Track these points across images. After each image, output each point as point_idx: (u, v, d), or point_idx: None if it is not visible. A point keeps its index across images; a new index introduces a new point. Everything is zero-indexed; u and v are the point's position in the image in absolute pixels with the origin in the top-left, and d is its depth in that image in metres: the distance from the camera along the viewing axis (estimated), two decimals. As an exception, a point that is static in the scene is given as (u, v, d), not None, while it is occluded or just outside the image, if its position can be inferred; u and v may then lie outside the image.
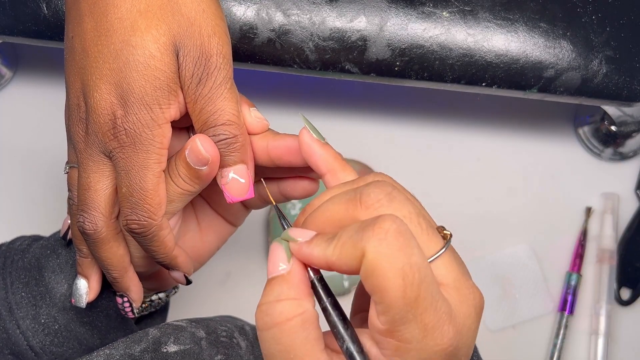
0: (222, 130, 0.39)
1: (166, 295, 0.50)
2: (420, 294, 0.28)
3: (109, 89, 0.38)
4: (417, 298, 0.28)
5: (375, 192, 0.31)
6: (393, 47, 0.57)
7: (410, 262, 0.28)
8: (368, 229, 0.29)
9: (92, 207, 0.41)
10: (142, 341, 0.42)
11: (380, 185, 0.31)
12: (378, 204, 0.30)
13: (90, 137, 0.40)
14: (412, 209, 0.31)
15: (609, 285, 0.69)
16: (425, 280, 0.29)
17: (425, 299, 0.29)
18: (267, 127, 0.42)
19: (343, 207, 0.31)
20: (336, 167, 0.37)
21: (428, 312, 0.29)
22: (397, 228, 0.29)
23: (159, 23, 0.38)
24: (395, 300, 0.28)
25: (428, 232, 0.31)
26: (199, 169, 0.39)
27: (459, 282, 0.31)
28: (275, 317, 0.31)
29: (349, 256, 0.29)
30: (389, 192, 0.31)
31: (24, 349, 0.46)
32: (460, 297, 0.30)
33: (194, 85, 0.39)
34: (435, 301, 0.29)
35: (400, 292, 0.28)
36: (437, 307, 0.29)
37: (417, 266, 0.29)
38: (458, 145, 0.73)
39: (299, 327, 0.30)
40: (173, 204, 0.41)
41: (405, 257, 0.28)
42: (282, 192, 0.44)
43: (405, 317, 0.29)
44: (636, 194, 0.72)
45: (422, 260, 0.29)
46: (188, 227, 0.46)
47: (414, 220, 0.30)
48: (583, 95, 0.59)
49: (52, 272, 0.47)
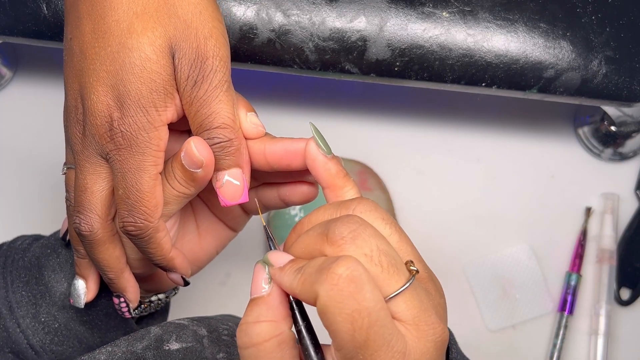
0: (217, 133, 0.39)
1: (166, 296, 0.50)
2: (369, 337, 0.30)
3: (105, 91, 0.38)
4: (367, 341, 0.30)
5: (340, 230, 0.32)
6: (393, 48, 0.57)
7: (360, 308, 0.30)
8: (323, 273, 0.30)
9: (88, 208, 0.41)
10: (144, 339, 0.43)
11: (347, 222, 0.32)
12: (342, 241, 0.32)
13: (87, 139, 0.40)
14: (374, 246, 0.32)
15: (608, 285, 0.69)
16: (375, 324, 0.30)
17: (374, 341, 0.30)
18: (263, 134, 0.41)
19: (313, 240, 0.33)
20: (337, 183, 0.38)
21: (378, 353, 0.30)
22: (350, 274, 0.30)
23: (155, 25, 0.38)
24: (345, 342, 0.30)
25: (389, 270, 0.31)
26: (193, 172, 0.39)
27: (417, 319, 0.31)
28: (253, 337, 0.32)
29: (307, 293, 0.31)
30: (354, 229, 0.32)
31: (24, 348, 0.46)
32: (419, 333, 0.31)
33: (190, 88, 0.39)
34: (387, 341, 0.30)
35: (349, 336, 0.30)
36: (390, 347, 0.30)
37: (367, 311, 0.30)
38: (458, 146, 0.73)
39: (274, 347, 0.32)
40: (169, 206, 0.41)
41: (354, 303, 0.30)
42: (281, 197, 0.44)
43: (356, 357, 0.30)
44: (636, 194, 0.72)
45: (375, 304, 0.30)
46: (187, 230, 0.46)
47: (375, 259, 0.31)
48: (583, 95, 0.59)
49: (52, 271, 0.47)
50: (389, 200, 0.70)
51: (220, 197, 0.40)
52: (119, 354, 0.41)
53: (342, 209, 0.35)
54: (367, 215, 0.34)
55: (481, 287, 0.70)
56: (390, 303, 0.31)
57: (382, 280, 0.31)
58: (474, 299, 0.70)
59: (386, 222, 0.34)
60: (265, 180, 0.44)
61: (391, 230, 0.34)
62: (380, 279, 0.31)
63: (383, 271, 0.31)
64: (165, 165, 0.40)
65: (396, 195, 0.71)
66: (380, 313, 0.30)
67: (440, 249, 0.71)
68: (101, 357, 0.41)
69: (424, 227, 0.71)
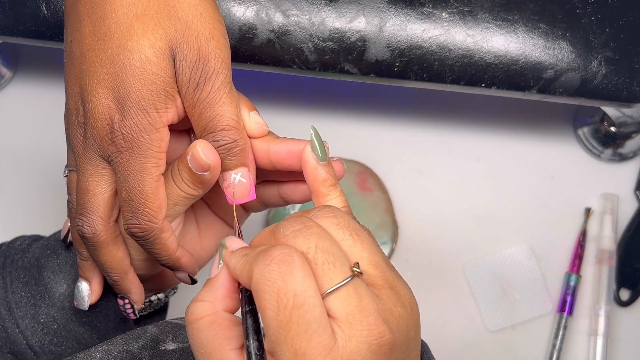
0: (222, 135, 0.39)
1: (165, 295, 0.50)
2: (292, 319, 0.31)
3: (106, 94, 0.38)
4: (289, 322, 0.31)
5: (284, 228, 0.34)
6: (392, 48, 0.57)
7: (287, 288, 0.31)
8: (260, 254, 0.32)
9: (90, 210, 0.41)
10: (141, 338, 0.43)
11: (292, 222, 0.34)
12: (284, 239, 0.33)
13: (89, 141, 0.40)
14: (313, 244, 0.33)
15: (608, 286, 0.69)
16: (300, 307, 0.31)
17: (298, 325, 0.31)
18: (266, 132, 0.41)
19: (264, 237, 0.35)
20: (321, 190, 0.39)
21: (300, 338, 0.31)
22: (282, 256, 0.31)
23: (156, 27, 0.38)
24: (270, 320, 0.31)
25: (324, 267, 0.32)
26: (201, 175, 0.39)
27: (352, 318, 0.32)
28: (189, 315, 0.35)
29: (245, 274, 0.33)
30: (297, 229, 0.33)
31: (23, 348, 0.46)
32: (351, 332, 0.31)
33: (192, 90, 0.39)
34: (311, 329, 0.31)
35: (274, 314, 0.31)
36: (313, 336, 0.31)
37: (294, 292, 0.31)
38: (457, 146, 0.73)
39: (206, 326, 0.34)
40: (177, 207, 0.41)
41: (282, 283, 0.31)
42: (281, 195, 0.44)
43: (278, 339, 0.31)
44: (635, 194, 0.72)
45: (304, 289, 0.31)
46: (187, 230, 0.46)
47: (310, 256, 0.32)
48: (582, 96, 0.59)
49: (51, 271, 0.47)
50: (389, 200, 0.70)
51: (228, 197, 0.40)
52: (115, 353, 0.41)
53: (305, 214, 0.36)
54: (323, 221, 0.35)
55: (480, 288, 0.70)
56: (327, 300, 0.32)
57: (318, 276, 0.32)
58: (474, 299, 0.70)
59: (340, 226, 0.34)
60: (266, 178, 0.44)
61: (344, 235, 0.34)
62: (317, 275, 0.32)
63: (317, 268, 0.32)
64: (171, 166, 0.40)
65: (396, 196, 0.71)
66: (308, 299, 0.31)
67: (440, 249, 0.71)
68: (97, 355, 0.41)
69: (423, 227, 0.71)
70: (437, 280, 0.70)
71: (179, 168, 0.40)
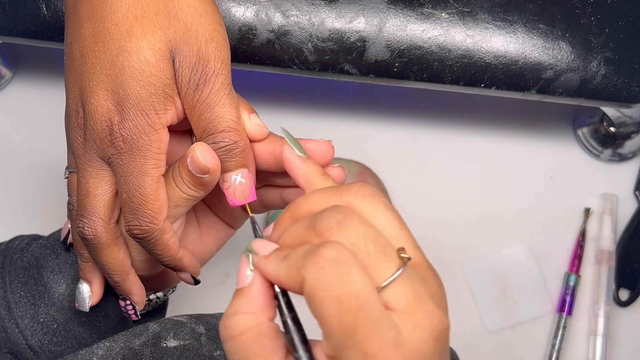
0: (222, 137, 0.39)
1: (164, 294, 0.50)
2: (357, 321, 0.29)
3: (105, 95, 0.38)
4: (355, 325, 0.29)
5: (326, 221, 0.31)
6: (392, 48, 0.57)
7: (347, 290, 0.29)
8: (309, 256, 0.30)
9: (91, 212, 0.41)
10: (142, 335, 0.43)
11: (333, 213, 0.31)
12: (329, 232, 0.31)
13: (89, 143, 0.40)
14: (361, 235, 0.31)
15: (607, 286, 0.69)
16: (364, 308, 0.29)
17: (364, 326, 0.29)
18: (266, 135, 0.41)
19: (301, 233, 0.32)
20: (315, 182, 0.37)
21: (368, 340, 0.29)
22: (337, 256, 0.29)
23: (155, 29, 0.38)
24: (334, 327, 0.29)
25: (377, 258, 0.31)
26: (201, 177, 0.39)
27: (412, 307, 0.30)
28: (231, 330, 0.32)
29: (293, 279, 0.31)
30: (340, 219, 0.31)
31: (22, 348, 0.46)
32: (414, 322, 0.30)
33: (191, 92, 0.38)
34: (377, 328, 0.29)
35: (337, 320, 0.29)
36: (381, 335, 0.29)
37: (355, 293, 0.29)
38: (457, 146, 0.73)
39: (253, 339, 0.32)
40: (178, 209, 0.41)
41: (341, 286, 0.29)
42: (283, 198, 0.44)
43: (345, 344, 0.29)
44: (635, 195, 0.72)
45: (363, 287, 0.29)
46: (189, 231, 0.46)
47: (362, 248, 0.31)
48: (582, 96, 0.59)
49: (50, 271, 0.47)
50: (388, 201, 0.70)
51: (228, 198, 0.40)
52: (117, 350, 0.41)
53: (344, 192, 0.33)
54: (370, 200, 0.33)
55: (480, 288, 0.70)
56: (382, 293, 0.30)
57: (371, 268, 0.30)
58: (473, 300, 0.70)
59: (388, 208, 0.33)
60: (268, 182, 0.44)
61: (392, 216, 0.33)
62: (370, 268, 0.30)
63: (371, 259, 0.30)
64: (172, 168, 0.40)
65: (395, 196, 0.71)
66: (369, 298, 0.29)
67: (440, 249, 0.71)
68: (99, 352, 0.41)
69: (423, 227, 0.71)
70: (436, 280, 0.70)
71: (179, 170, 0.40)
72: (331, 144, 0.40)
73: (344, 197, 0.33)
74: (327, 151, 0.40)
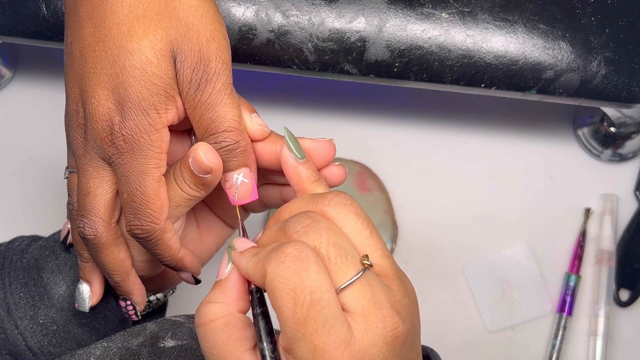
0: (224, 137, 0.39)
1: (164, 295, 0.50)
2: (309, 315, 0.31)
3: (106, 95, 0.38)
4: (307, 319, 0.31)
5: (294, 224, 0.34)
6: (392, 48, 0.57)
7: (303, 285, 0.31)
8: (273, 252, 0.32)
9: (91, 212, 0.41)
10: (140, 335, 0.43)
11: (302, 218, 0.34)
12: (295, 235, 0.33)
13: (89, 143, 0.40)
14: (324, 239, 0.33)
15: (607, 286, 0.69)
16: (317, 304, 0.31)
17: (315, 321, 0.31)
18: (267, 134, 0.41)
19: (273, 235, 0.35)
20: (307, 187, 0.39)
21: (318, 334, 0.31)
22: (297, 253, 0.31)
23: (156, 29, 0.38)
24: (287, 318, 0.31)
25: (336, 262, 0.32)
26: (203, 177, 0.39)
27: (367, 310, 0.32)
28: (201, 317, 0.35)
29: (258, 273, 0.33)
30: (307, 224, 0.33)
31: (22, 349, 0.46)
32: (367, 325, 0.32)
33: (193, 92, 0.38)
34: (328, 324, 0.31)
35: (290, 311, 0.31)
36: (331, 331, 0.31)
37: (310, 289, 0.31)
38: (457, 146, 0.73)
39: (220, 327, 0.34)
40: (179, 208, 0.41)
41: (298, 280, 0.31)
42: (283, 196, 0.44)
43: (296, 336, 0.31)
44: (635, 195, 0.72)
45: (319, 285, 0.31)
46: (188, 231, 0.46)
47: (323, 251, 0.33)
48: (582, 96, 0.59)
49: (50, 272, 0.47)
50: (388, 201, 0.70)
51: (230, 197, 0.40)
52: (114, 350, 0.41)
53: (319, 200, 0.35)
54: (341, 209, 0.35)
55: (480, 288, 0.70)
56: (340, 295, 0.32)
57: (331, 271, 0.32)
58: (473, 300, 0.70)
59: (359, 216, 0.35)
60: (268, 180, 0.44)
61: (362, 225, 0.35)
62: (329, 270, 0.32)
63: (330, 263, 0.32)
64: (174, 168, 0.40)
65: (395, 196, 0.71)
66: (324, 295, 0.31)
67: (439, 249, 0.71)
68: (96, 352, 0.41)
69: (423, 227, 0.71)
70: (436, 281, 0.70)
71: (181, 170, 0.40)
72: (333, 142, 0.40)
73: (319, 204, 0.35)
74: (329, 150, 0.40)
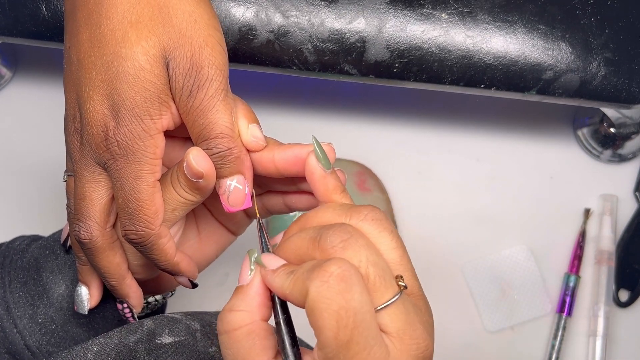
0: (215, 143, 0.39)
1: (163, 297, 0.50)
2: (352, 338, 0.30)
3: (101, 101, 0.38)
4: (350, 341, 0.30)
5: (332, 238, 0.33)
6: (392, 49, 0.57)
7: (347, 307, 0.30)
8: (315, 270, 0.31)
9: (87, 216, 0.41)
10: (137, 332, 0.43)
11: (339, 231, 0.33)
12: (332, 250, 0.32)
13: (85, 147, 0.40)
14: (364, 258, 0.32)
15: (607, 286, 0.69)
16: (360, 326, 0.30)
17: (357, 344, 0.30)
18: (262, 148, 0.41)
19: (305, 245, 0.34)
20: (333, 198, 0.38)
21: (359, 356, 0.30)
22: (341, 273, 0.31)
23: (149, 35, 0.38)
24: (329, 340, 0.30)
25: (375, 282, 0.32)
26: (196, 182, 0.39)
27: (402, 332, 0.32)
28: (225, 324, 0.34)
29: (298, 292, 0.32)
30: (345, 239, 0.33)
31: (20, 348, 0.46)
32: (402, 346, 0.32)
33: (185, 98, 0.38)
34: (369, 346, 0.31)
35: (333, 333, 0.30)
36: (371, 353, 0.31)
37: (354, 311, 0.30)
38: (457, 147, 0.73)
39: (244, 336, 0.34)
40: (175, 213, 0.41)
41: (343, 301, 0.30)
42: (286, 203, 0.44)
43: (337, 357, 0.31)
44: (635, 195, 0.72)
45: (362, 306, 0.31)
46: (188, 236, 0.46)
47: (363, 270, 0.32)
48: (582, 97, 0.59)
49: (50, 272, 0.47)
50: (388, 201, 0.70)
51: (223, 204, 0.40)
52: (111, 346, 0.41)
53: (354, 213, 0.35)
54: (377, 224, 0.34)
55: (480, 288, 0.70)
56: (377, 315, 0.32)
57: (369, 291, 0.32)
58: (473, 300, 0.70)
59: (393, 235, 0.34)
60: (271, 187, 0.44)
61: (397, 244, 0.34)
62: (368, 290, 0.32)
63: (369, 282, 0.32)
64: (171, 172, 0.40)
65: (395, 196, 0.71)
66: (366, 316, 0.31)
67: (439, 249, 0.71)
68: (93, 348, 0.41)
69: (422, 227, 0.71)
70: (436, 281, 0.70)
71: (177, 174, 0.40)
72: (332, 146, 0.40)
73: (353, 217, 0.35)
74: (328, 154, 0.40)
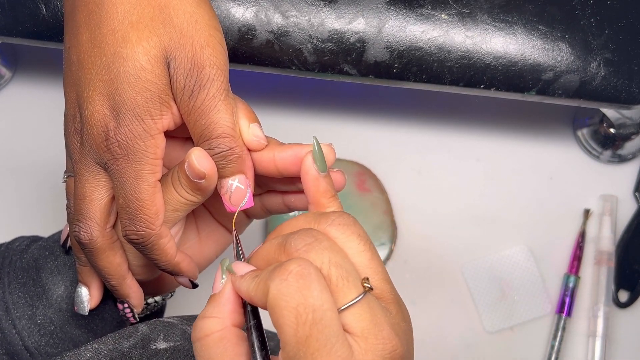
0: (217, 143, 0.39)
1: (162, 298, 0.50)
2: (312, 334, 0.30)
3: (101, 101, 0.38)
4: (309, 337, 0.30)
5: (295, 242, 0.33)
6: (391, 49, 0.57)
7: (306, 303, 0.31)
8: (276, 270, 0.32)
9: (87, 217, 0.41)
10: (132, 337, 0.42)
11: (303, 235, 0.34)
12: (296, 253, 0.33)
13: (85, 148, 0.40)
14: (326, 259, 0.33)
15: (607, 287, 0.69)
16: (320, 323, 0.31)
17: (317, 340, 0.30)
18: (263, 147, 0.41)
19: (272, 250, 0.35)
20: (321, 201, 0.39)
21: (320, 353, 0.30)
22: (300, 270, 0.31)
23: (150, 35, 0.38)
24: (289, 337, 0.31)
25: (337, 283, 0.32)
26: (197, 182, 0.39)
27: (367, 332, 0.32)
28: (197, 332, 0.35)
29: (261, 293, 0.32)
30: (309, 242, 0.33)
31: (19, 349, 0.46)
32: (367, 346, 0.32)
33: (186, 98, 0.38)
34: (330, 344, 0.31)
35: (293, 330, 0.31)
36: (332, 350, 0.31)
37: (313, 307, 0.31)
38: (456, 147, 0.73)
39: (215, 342, 0.34)
40: (176, 213, 0.41)
41: (301, 298, 0.31)
42: (286, 203, 0.44)
43: (297, 355, 0.31)
44: (634, 196, 0.72)
45: (321, 303, 0.31)
46: (188, 236, 0.46)
47: (325, 271, 0.32)
48: (581, 97, 0.59)
49: (49, 273, 0.47)
50: (388, 201, 0.70)
51: (225, 204, 0.40)
52: (105, 352, 0.41)
53: (322, 219, 0.35)
54: (344, 229, 0.35)
55: (479, 289, 0.70)
56: (341, 315, 0.32)
57: (332, 291, 0.32)
58: (472, 300, 0.70)
59: (361, 238, 0.35)
60: (271, 187, 0.44)
61: (364, 247, 0.34)
62: (330, 290, 0.32)
63: (332, 283, 0.32)
64: (172, 172, 0.40)
65: (395, 196, 0.71)
66: (326, 313, 0.31)
67: (439, 249, 0.71)
68: (87, 354, 0.41)
69: (422, 227, 0.71)
70: (435, 281, 0.70)
71: (178, 174, 0.40)
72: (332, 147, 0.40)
73: (321, 223, 0.35)
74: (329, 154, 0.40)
